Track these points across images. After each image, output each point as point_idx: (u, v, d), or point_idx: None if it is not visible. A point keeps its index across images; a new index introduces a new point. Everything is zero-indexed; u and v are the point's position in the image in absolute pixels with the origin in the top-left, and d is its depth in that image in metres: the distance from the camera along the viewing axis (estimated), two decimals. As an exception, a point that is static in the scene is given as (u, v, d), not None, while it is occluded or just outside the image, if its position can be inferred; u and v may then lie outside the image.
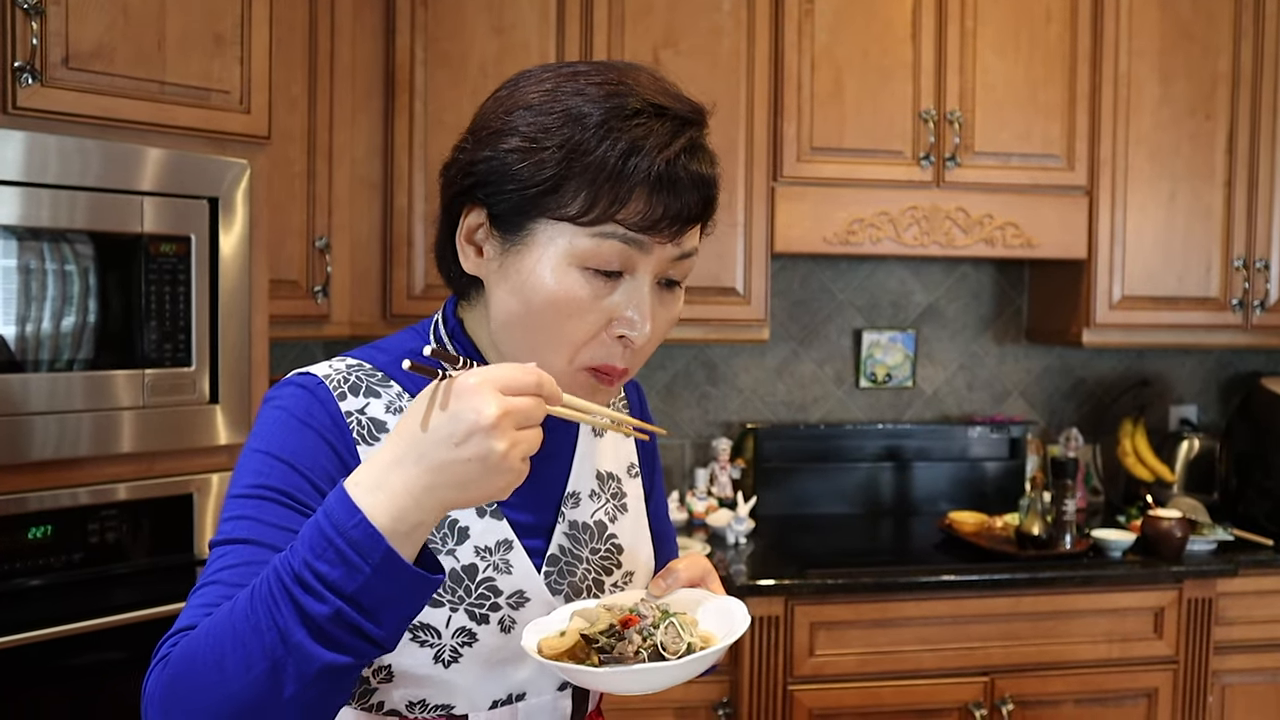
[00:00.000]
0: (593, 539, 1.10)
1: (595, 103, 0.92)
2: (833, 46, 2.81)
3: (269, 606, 0.77)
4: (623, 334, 0.94)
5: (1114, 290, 2.96)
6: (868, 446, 3.20)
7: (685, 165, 0.92)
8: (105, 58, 1.91)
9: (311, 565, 0.76)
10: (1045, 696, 2.60)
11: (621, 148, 0.90)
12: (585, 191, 0.90)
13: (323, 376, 1.00)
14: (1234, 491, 3.05)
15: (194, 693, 0.79)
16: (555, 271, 0.92)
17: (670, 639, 0.94)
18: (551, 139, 0.91)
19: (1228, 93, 2.99)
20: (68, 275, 1.89)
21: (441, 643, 0.98)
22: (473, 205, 0.98)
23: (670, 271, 0.97)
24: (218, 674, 0.78)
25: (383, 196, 2.69)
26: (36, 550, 1.89)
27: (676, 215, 0.92)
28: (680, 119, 0.94)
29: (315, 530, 0.78)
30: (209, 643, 0.79)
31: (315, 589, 0.76)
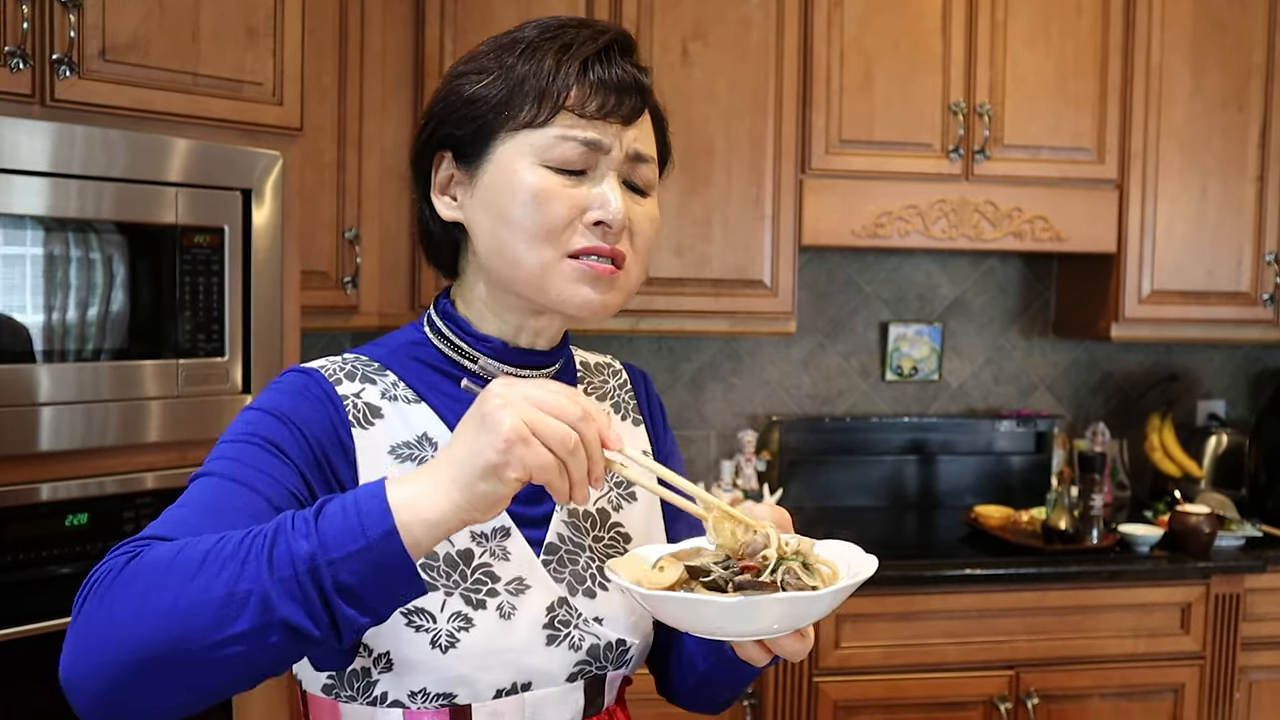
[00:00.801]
0: (595, 527, 1.09)
1: (529, 30, 1.02)
2: (862, 38, 2.80)
3: (264, 542, 0.78)
4: (598, 219, 0.98)
5: (1143, 284, 2.94)
6: (893, 440, 3.20)
7: (618, 60, 1.01)
8: (141, 50, 1.93)
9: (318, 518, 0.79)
10: (1071, 691, 2.59)
11: (555, 50, 0.99)
12: (531, 96, 0.98)
13: (318, 366, 1.04)
14: (1262, 487, 3.03)
15: (153, 584, 0.78)
16: (523, 172, 0.98)
17: (792, 579, 0.87)
18: (494, 63, 1.01)
19: (1261, 85, 2.96)
20: (102, 266, 1.91)
21: (437, 627, 0.97)
22: (440, 155, 1.05)
23: (631, 175, 1.02)
24: (187, 579, 0.77)
25: (412, 187, 2.69)
26: (73, 538, 1.91)
27: (618, 102, 0.99)
28: (604, 28, 1.03)
29: (340, 497, 0.81)
30: (192, 551, 0.79)
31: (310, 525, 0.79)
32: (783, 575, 0.87)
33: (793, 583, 0.86)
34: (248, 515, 0.88)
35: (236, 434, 0.95)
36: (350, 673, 0.98)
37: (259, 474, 0.92)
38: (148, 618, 0.77)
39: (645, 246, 1.03)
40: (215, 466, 0.92)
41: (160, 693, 0.78)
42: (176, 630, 0.76)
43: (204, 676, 0.78)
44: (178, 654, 0.76)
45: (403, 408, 1.04)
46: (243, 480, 0.91)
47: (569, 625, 1.02)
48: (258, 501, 0.90)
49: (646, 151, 1.02)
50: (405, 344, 1.08)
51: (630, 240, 1.01)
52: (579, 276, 0.99)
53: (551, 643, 1.01)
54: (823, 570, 0.90)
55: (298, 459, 0.95)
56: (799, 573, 0.87)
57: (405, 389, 1.05)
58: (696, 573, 0.89)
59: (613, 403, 1.18)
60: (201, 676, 0.78)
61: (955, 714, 2.56)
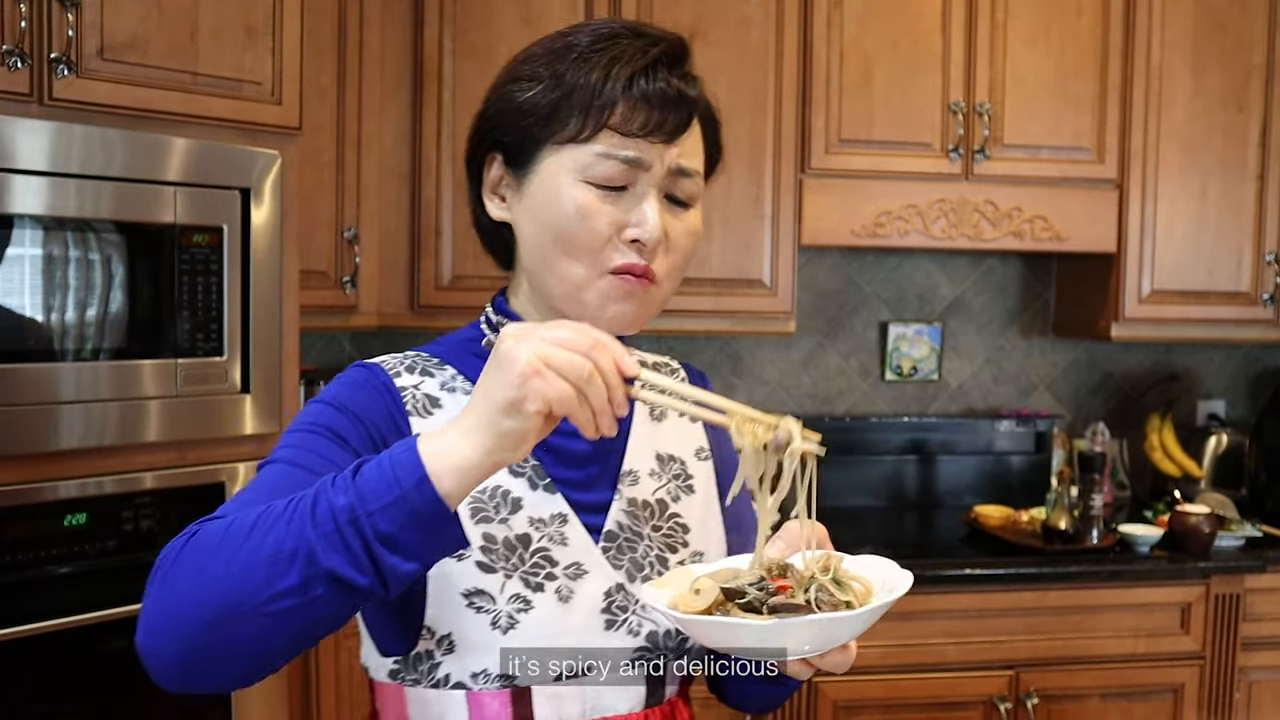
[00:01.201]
0: (653, 516, 1.11)
1: (583, 36, 1.03)
2: (862, 38, 2.79)
3: (306, 503, 0.82)
4: (635, 237, 1.00)
5: (1143, 284, 2.94)
6: (893, 439, 3.20)
7: (664, 75, 1.01)
8: (139, 49, 1.93)
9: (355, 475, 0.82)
10: (1070, 691, 2.59)
11: (603, 64, 1.00)
12: (577, 111, 0.99)
13: (379, 361, 1.08)
14: (1263, 487, 3.03)
15: (209, 554, 0.83)
16: (565, 187, 1.00)
17: (826, 597, 0.88)
18: (546, 71, 1.02)
19: (1261, 85, 2.96)
20: (101, 265, 1.91)
21: (497, 608, 1.00)
22: (491, 155, 1.07)
23: (673, 189, 1.03)
24: (238, 544, 0.82)
25: (411, 187, 2.70)
26: (72, 537, 1.91)
27: (661, 120, 1.00)
28: (656, 38, 1.03)
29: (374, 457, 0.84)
30: (242, 521, 0.84)
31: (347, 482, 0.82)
32: (815, 594, 0.88)
33: (826, 600, 0.88)
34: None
35: (300, 424, 1.00)
36: (414, 656, 1.01)
37: (320, 459, 0.96)
38: (206, 584, 0.82)
39: (681, 261, 1.05)
40: (280, 454, 0.97)
41: (227, 655, 0.83)
42: (232, 592, 0.81)
43: (263, 634, 0.82)
44: (236, 614, 0.81)
45: (461, 399, 1.07)
46: (305, 465, 0.95)
47: (626, 611, 1.04)
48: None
49: (689, 166, 1.03)
50: (463, 341, 1.12)
51: (666, 255, 1.03)
52: (612, 293, 1.01)
53: (610, 627, 1.03)
54: (855, 586, 0.91)
55: (358, 446, 0.99)
56: (832, 590, 0.89)
57: (464, 381, 1.08)
58: (732, 594, 0.90)
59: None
60: (260, 634, 0.81)
61: (955, 714, 2.55)
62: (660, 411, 1.17)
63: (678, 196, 1.04)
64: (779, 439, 0.91)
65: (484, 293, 2.68)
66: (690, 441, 1.18)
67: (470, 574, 1.00)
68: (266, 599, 0.80)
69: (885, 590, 0.92)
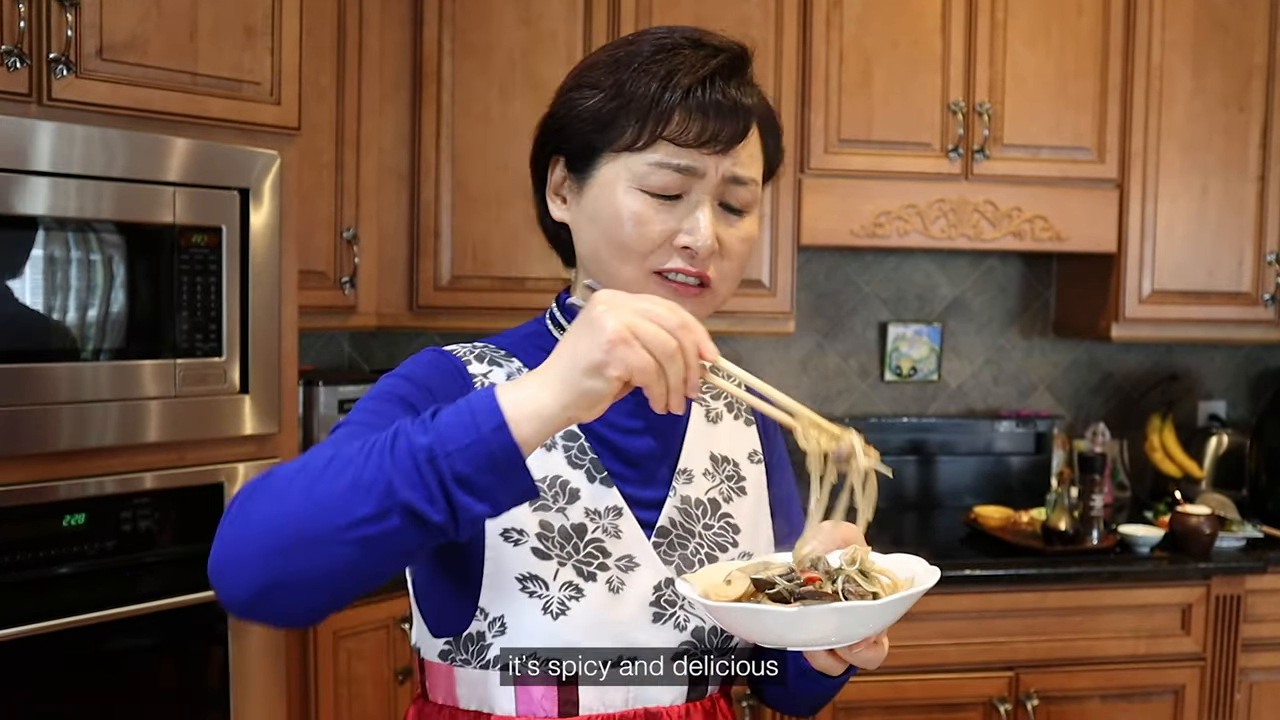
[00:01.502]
0: (705, 515, 1.13)
1: (645, 45, 1.05)
2: (861, 37, 2.79)
3: (385, 442, 0.84)
4: (686, 244, 1.02)
5: (1143, 284, 2.94)
6: (892, 440, 3.20)
7: (720, 86, 1.02)
8: (138, 49, 1.93)
9: (434, 417, 0.85)
10: (1070, 692, 2.59)
11: (662, 75, 1.02)
12: (635, 121, 1.02)
13: (450, 348, 1.11)
14: (1263, 488, 3.02)
15: (286, 485, 0.85)
16: (621, 195, 1.03)
17: (853, 587, 0.91)
18: (607, 79, 1.04)
19: (1262, 85, 2.95)
20: (100, 265, 1.91)
21: (549, 594, 1.02)
22: (554, 158, 1.10)
23: (727, 196, 1.05)
24: (316, 476, 0.84)
25: (410, 187, 2.70)
26: (71, 538, 1.91)
27: (717, 130, 1.01)
28: (716, 48, 1.05)
29: (453, 404, 0.86)
30: (323, 455, 0.86)
31: (426, 424, 0.84)
32: (843, 584, 0.91)
33: (853, 591, 0.90)
34: None
35: (374, 394, 1.04)
36: (466, 637, 1.04)
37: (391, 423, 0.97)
38: (283, 512, 0.84)
39: (736, 267, 1.07)
40: (353, 417, 1.00)
41: (298, 583, 0.84)
42: (309, 519, 0.83)
43: (335, 562, 0.83)
44: (311, 541, 0.83)
45: None
46: (376, 427, 0.96)
47: (674, 605, 1.06)
48: None
49: (745, 174, 1.05)
50: (528, 334, 1.15)
51: (719, 262, 1.05)
52: (666, 294, 1.02)
53: (657, 620, 1.05)
54: (882, 579, 0.93)
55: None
56: (859, 581, 0.91)
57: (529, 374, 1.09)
58: (762, 585, 0.93)
59: (725, 402, 1.22)
60: (333, 563, 0.83)
61: (955, 715, 2.55)
62: (716, 413, 1.20)
63: (732, 204, 1.05)
64: (840, 451, 0.95)
65: (483, 293, 2.70)
66: (744, 444, 1.20)
67: (526, 559, 1.02)
68: (343, 526, 0.82)
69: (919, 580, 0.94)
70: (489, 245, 2.70)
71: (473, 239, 2.70)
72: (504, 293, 2.70)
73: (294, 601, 0.86)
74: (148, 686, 2.02)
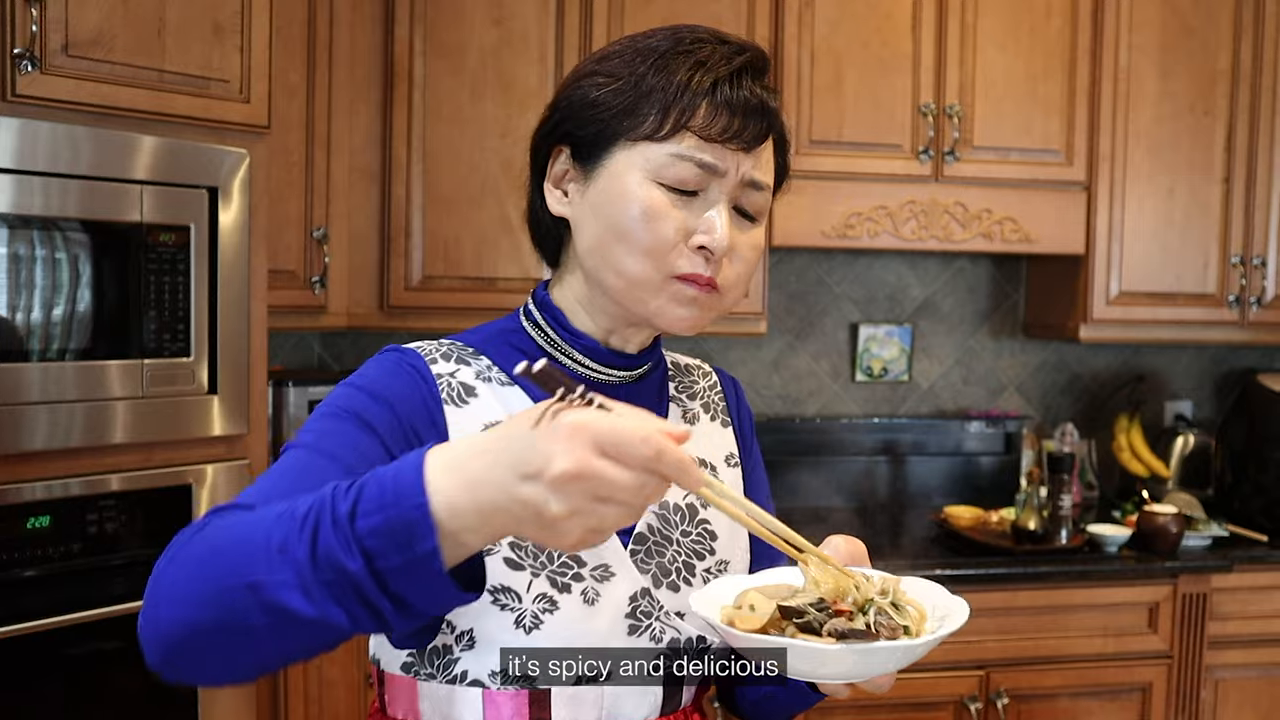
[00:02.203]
0: (683, 521, 1.10)
1: (663, 40, 1.02)
2: (832, 39, 2.80)
3: (308, 534, 0.76)
4: (702, 244, 0.99)
5: (1111, 286, 2.96)
6: (863, 440, 3.21)
7: (748, 83, 1.00)
8: (105, 45, 1.90)
9: (355, 520, 0.74)
10: (1040, 690, 2.61)
11: (688, 66, 0.99)
12: (657, 109, 0.98)
13: (414, 347, 1.06)
14: (1229, 487, 3.06)
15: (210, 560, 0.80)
16: (634, 186, 0.99)
17: (885, 620, 0.88)
18: (626, 69, 1.01)
19: (1227, 89, 2.99)
20: (67, 264, 1.89)
21: (522, 607, 0.98)
22: (558, 149, 1.05)
23: (742, 201, 1.02)
24: (240, 559, 0.78)
25: (381, 187, 2.68)
26: (35, 540, 1.88)
27: (742, 127, 0.99)
28: (740, 46, 1.03)
29: (380, 485, 0.75)
30: (253, 534, 0.79)
31: (349, 545, 0.74)
32: (875, 617, 0.88)
33: (885, 624, 0.87)
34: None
35: (327, 408, 0.98)
36: (431, 650, 1.00)
37: (344, 446, 0.94)
38: (201, 591, 0.79)
39: (745, 273, 1.04)
40: (303, 439, 0.95)
41: (212, 659, 0.81)
42: (224, 607, 0.78)
43: (250, 649, 0.79)
44: (225, 627, 0.78)
45: (497, 388, 1.05)
46: (327, 451, 0.93)
47: (650, 617, 1.03)
48: (338, 472, 0.91)
49: (762, 179, 1.03)
50: (499, 331, 1.10)
51: (730, 266, 1.02)
52: (678, 298, 1.01)
53: (633, 633, 1.02)
54: (910, 611, 0.91)
55: (385, 434, 0.96)
56: (891, 613, 0.89)
57: (499, 372, 1.07)
58: (789, 613, 0.88)
59: (702, 403, 1.19)
60: (247, 648, 0.79)
61: (926, 714, 2.56)
62: (692, 415, 1.17)
63: (746, 210, 1.03)
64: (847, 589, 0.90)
65: (454, 293, 2.69)
66: (721, 447, 1.18)
67: (497, 569, 0.98)
68: (258, 622, 0.76)
69: (937, 616, 0.92)
70: (460, 245, 2.69)
71: (444, 239, 2.68)
72: (475, 293, 2.69)
73: (209, 673, 0.84)
74: (114, 690, 1.99)
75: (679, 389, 1.19)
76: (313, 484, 0.86)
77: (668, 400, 1.16)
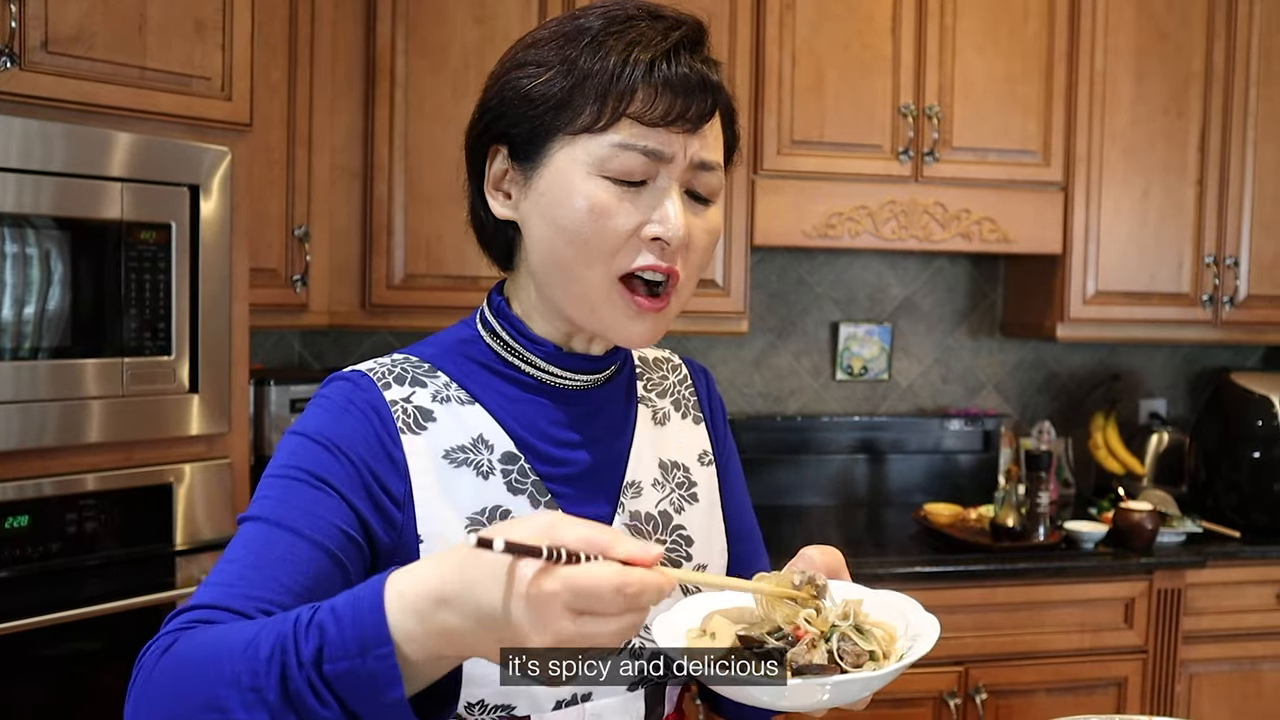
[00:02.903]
0: (657, 530, 1.06)
1: (594, 18, 0.96)
2: (813, 40, 2.82)
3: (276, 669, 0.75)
4: (656, 235, 0.94)
5: (1087, 285, 2.99)
6: (843, 439, 3.23)
7: (686, 59, 0.94)
8: (85, 42, 1.89)
9: (321, 666, 0.74)
10: (1018, 686, 2.63)
11: (620, 49, 0.93)
12: (593, 98, 0.92)
13: (366, 370, 1.00)
14: (1202, 484, 3.09)
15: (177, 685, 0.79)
16: (579, 182, 0.93)
17: (849, 646, 0.86)
18: (556, 56, 0.95)
19: (1200, 91, 3.02)
20: (45, 262, 1.87)
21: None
22: (494, 148, 1.00)
23: (694, 184, 0.96)
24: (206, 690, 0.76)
25: (363, 185, 2.67)
26: (12, 541, 1.87)
27: (685, 107, 0.93)
28: (675, 20, 0.97)
29: (340, 627, 0.74)
30: (219, 670, 0.77)
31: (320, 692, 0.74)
32: (838, 643, 0.85)
33: (849, 650, 0.85)
34: (296, 567, 0.87)
35: (280, 468, 0.93)
36: None
37: (305, 515, 0.89)
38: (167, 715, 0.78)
39: (700, 261, 0.99)
40: (261, 509, 0.90)
41: None
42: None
43: None
44: None
45: (456, 409, 1.00)
46: (289, 525, 0.89)
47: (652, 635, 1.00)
48: (304, 548, 0.88)
49: (712, 159, 0.97)
50: (456, 342, 1.05)
51: (686, 255, 0.97)
52: (629, 311, 0.96)
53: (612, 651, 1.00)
54: (877, 633, 0.88)
55: (345, 489, 0.92)
56: (854, 639, 0.86)
57: (458, 390, 1.01)
58: (749, 642, 0.87)
59: (672, 400, 1.15)
60: None
61: (905, 710, 2.58)
62: (663, 414, 1.13)
63: (698, 192, 0.97)
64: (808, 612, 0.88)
65: (436, 292, 2.69)
66: (694, 445, 1.14)
67: None
68: None
69: (908, 636, 0.89)
70: (442, 244, 2.68)
71: (426, 237, 2.68)
72: (457, 291, 2.69)
73: None
74: (93, 691, 1.98)
75: (648, 387, 1.14)
76: (278, 564, 0.86)
77: (636, 402, 1.11)
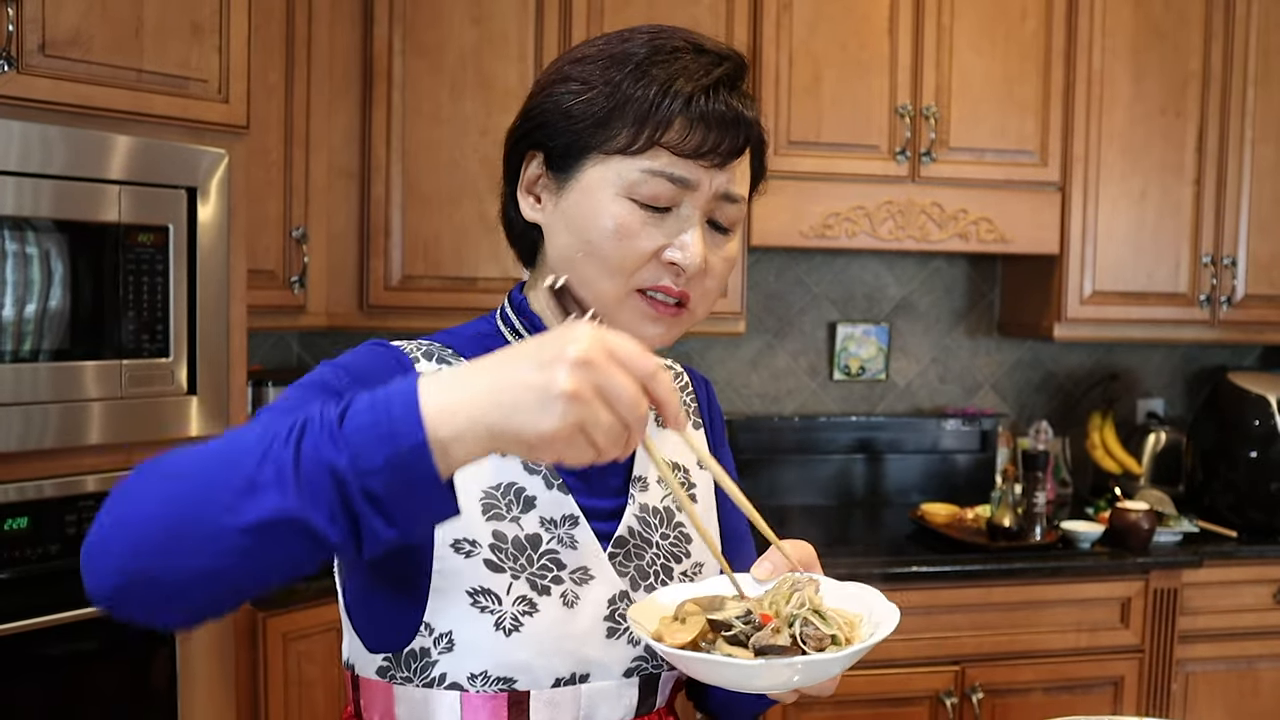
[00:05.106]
0: (662, 524, 1.10)
1: (640, 46, 0.99)
2: (810, 41, 2.82)
3: (291, 434, 0.75)
4: (673, 260, 0.98)
5: (1085, 285, 3.00)
6: (841, 439, 3.23)
7: (724, 96, 0.98)
8: (82, 45, 1.90)
9: (345, 419, 0.75)
10: (1015, 685, 2.64)
11: (662, 79, 0.97)
12: (631, 123, 0.97)
13: (396, 343, 1.05)
14: (1199, 484, 3.10)
15: (174, 474, 0.78)
16: (607, 202, 0.98)
17: (811, 631, 0.89)
18: (600, 77, 0.99)
19: (1198, 91, 3.03)
20: (44, 264, 1.88)
21: (502, 609, 0.97)
22: (531, 153, 1.04)
23: (717, 214, 1.01)
24: (207, 468, 0.77)
25: (360, 186, 2.68)
26: (12, 542, 1.87)
27: (718, 142, 0.97)
28: (719, 55, 1.01)
29: (371, 393, 0.77)
30: (213, 445, 0.79)
31: (336, 434, 0.74)
32: (800, 628, 0.89)
33: (812, 634, 0.88)
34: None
35: (305, 380, 0.97)
36: (408, 653, 0.98)
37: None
38: (165, 503, 0.76)
39: (716, 287, 1.03)
40: (277, 404, 0.93)
41: (168, 585, 0.77)
42: (191, 518, 0.75)
43: (213, 570, 0.75)
44: (190, 541, 0.75)
45: None
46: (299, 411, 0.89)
47: (627, 619, 1.02)
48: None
49: (736, 192, 1.01)
50: (476, 335, 1.09)
51: (701, 281, 1.01)
52: (645, 315, 1.00)
53: (611, 635, 1.02)
54: (836, 619, 0.92)
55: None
56: (817, 624, 0.89)
57: None
58: (719, 626, 0.90)
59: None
60: (210, 569, 0.75)
61: (902, 709, 2.59)
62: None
63: (720, 222, 1.02)
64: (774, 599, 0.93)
65: (434, 293, 2.69)
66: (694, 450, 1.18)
67: (478, 571, 0.97)
68: (226, 530, 0.74)
69: (871, 623, 0.93)
70: (439, 245, 2.69)
71: (423, 238, 2.68)
72: (455, 293, 2.69)
73: (160, 602, 0.78)
74: (92, 691, 1.99)
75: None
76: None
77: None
